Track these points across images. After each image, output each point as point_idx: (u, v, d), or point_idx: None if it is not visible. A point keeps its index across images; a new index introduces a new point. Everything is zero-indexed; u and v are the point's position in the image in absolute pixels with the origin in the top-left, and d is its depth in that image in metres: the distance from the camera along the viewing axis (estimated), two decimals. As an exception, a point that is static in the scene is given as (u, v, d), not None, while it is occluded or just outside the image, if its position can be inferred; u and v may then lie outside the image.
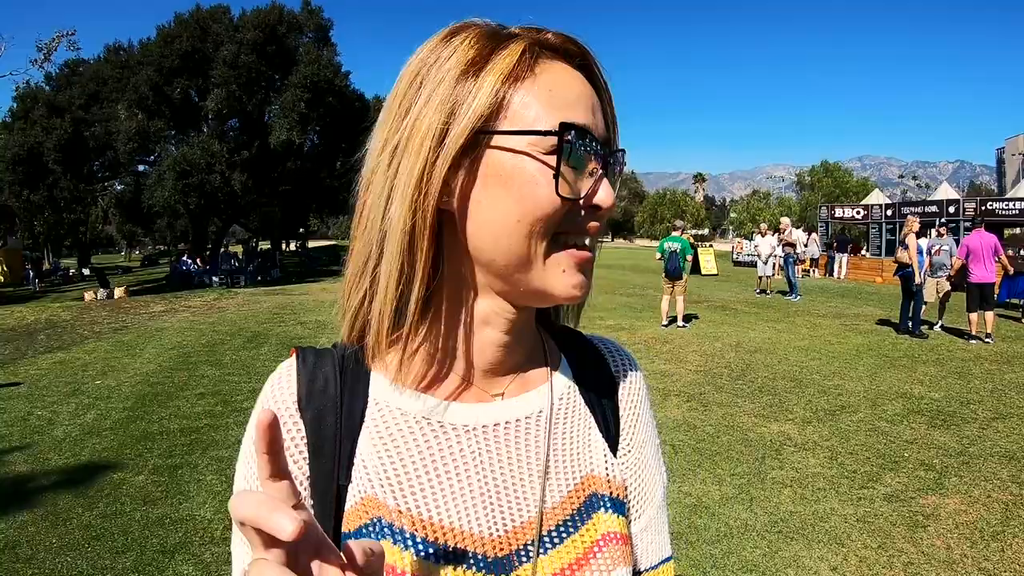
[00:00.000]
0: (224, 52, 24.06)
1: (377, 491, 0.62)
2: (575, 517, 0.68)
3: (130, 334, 12.43)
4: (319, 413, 0.65)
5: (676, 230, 12.31)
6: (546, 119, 0.59)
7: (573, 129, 0.59)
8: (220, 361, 9.42)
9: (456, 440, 0.66)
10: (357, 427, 0.65)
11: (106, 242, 74.31)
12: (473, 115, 0.58)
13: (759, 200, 69.41)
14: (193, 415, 6.70)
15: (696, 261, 25.46)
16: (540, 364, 0.74)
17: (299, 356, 0.68)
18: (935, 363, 9.25)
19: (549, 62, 0.62)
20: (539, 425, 0.70)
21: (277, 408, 0.64)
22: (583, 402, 0.75)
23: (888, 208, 28.52)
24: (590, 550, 0.67)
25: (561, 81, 0.61)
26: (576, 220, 0.61)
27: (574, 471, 0.71)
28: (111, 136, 23.91)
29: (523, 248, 0.60)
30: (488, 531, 0.64)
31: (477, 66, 0.60)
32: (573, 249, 0.62)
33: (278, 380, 0.67)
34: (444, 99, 0.59)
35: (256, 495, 0.42)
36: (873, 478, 5.14)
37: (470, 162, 0.60)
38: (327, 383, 0.66)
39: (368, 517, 0.61)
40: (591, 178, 0.61)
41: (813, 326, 12.57)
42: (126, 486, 4.92)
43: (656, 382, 8.02)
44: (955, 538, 4.19)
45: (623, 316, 13.65)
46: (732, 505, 4.64)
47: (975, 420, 6.58)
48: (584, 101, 0.61)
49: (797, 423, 6.47)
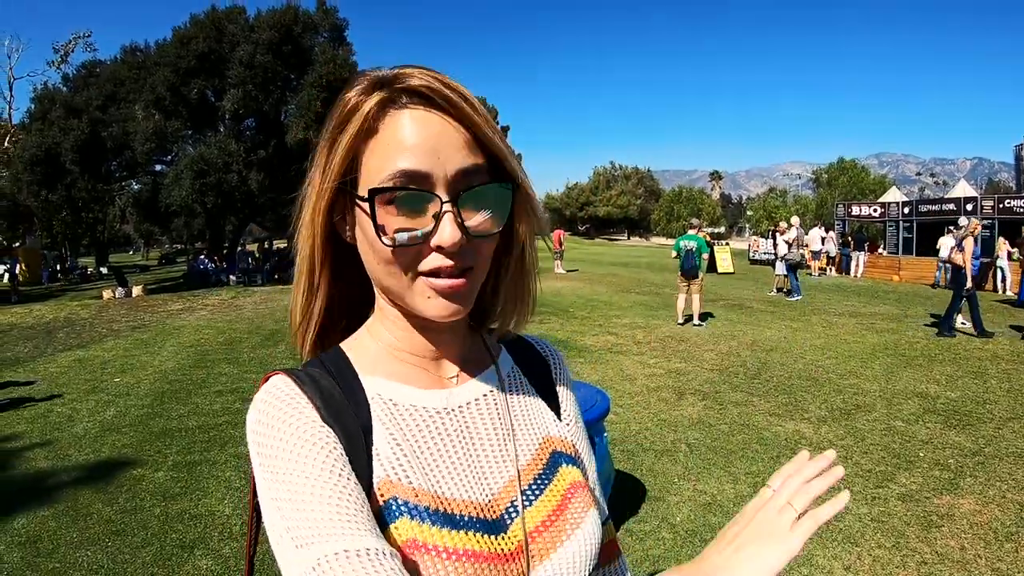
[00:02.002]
0: (240, 52, 24.10)
1: (390, 474, 0.68)
2: (545, 472, 0.78)
3: (148, 332, 12.57)
4: (339, 417, 0.69)
5: (692, 228, 12.25)
6: (385, 170, 0.66)
7: (382, 191, 0.65)
8: (238, 359, 9.53)
9: (441, 422, 0.75)
10: (368, 422, 0.71)
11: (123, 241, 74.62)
12: (333, 175, 0.69)
13: (775, 198, 68.75)
14: (212, 412, 6.79)
15: (712, 259, 25.33)
16: (483, 354, 0.85)
17: (291, 375, 0.71)
18: (952, 362, 9.19)
19: (396, 112, 0.67)
20: (496, 400, 0.81)
21: (299, 417, 0.67)
22: (526, 381, 0.87)
23: (905, 206, 28.21)
24: (565, 498, 0.77)
25: (400, 132, 0.67)
26: (428, 259, 0.68)
27: (535, 433, 0.82)
28: (128, 136, 24.02)
29: (390, 281, 0.70)
30: (482, 496, 0.72)
31: (341, 127, 0.69)
32: (432, 278, 0.68)
33: (282, 393, 0.69)
34: (322, 159, 0.71)
35: None
36: (888, 477, 5.13)
37: (348, 211, 0.72)
38: (332, 392, 0.71)
39: (384, 498, 0.66)
40: (435, 220, 0.66)
41: (829, 325, 12.51)
42: (145, 482, 5.00)
43: (671, 381, 8.04)
44: (969, 538, 4.19)
45: (639, 314, 13.67)
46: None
47: (991, 420, 6.55)
48: (425, 145, 0.66)
49: (812, 422, 6.46)
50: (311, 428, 0.66)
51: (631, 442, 5.84)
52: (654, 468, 5.28)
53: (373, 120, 0.67)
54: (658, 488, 4.90)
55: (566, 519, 0.75)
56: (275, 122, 26.37)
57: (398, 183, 0.66)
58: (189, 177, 22.38)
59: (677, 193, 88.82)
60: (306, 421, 0.66)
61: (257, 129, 27.16)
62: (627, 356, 9.47)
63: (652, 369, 8.67)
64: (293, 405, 0.67)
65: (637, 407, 6.93)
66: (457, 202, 0.67)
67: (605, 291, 18.43)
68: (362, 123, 0.67)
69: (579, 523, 0.76)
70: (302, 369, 0.74)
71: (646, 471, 5.21)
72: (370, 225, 0.66)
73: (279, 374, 0.71)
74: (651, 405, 7.02)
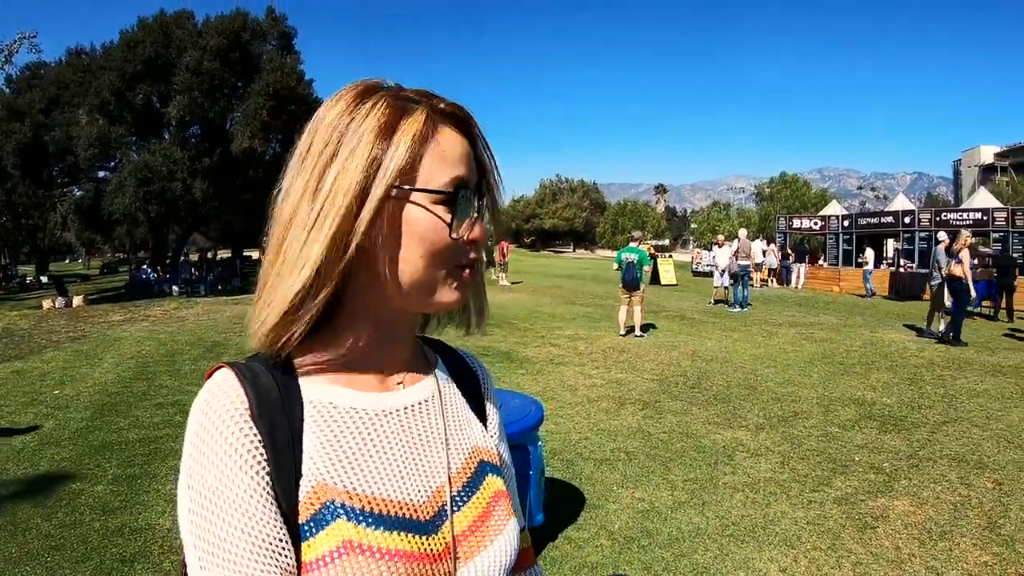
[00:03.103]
0: (187, 58, 23.64)
1: (326, 478, 0.71)
2: (473, 480, 0.83)
3: (89, 343, 12.28)
4: (271, 420, 0.70)
5: (634, 241, 12.51)
6: (442, 176, 0.74)
7: (462, 188, 0.75)
8: (179, 371, 9.39)
9: (380, 424, 0.78)
10: (299, 426, 0.73)
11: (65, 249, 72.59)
12: (392, 173, 0.71)
13: (719, 211, 70.13)
14: (152, 425, 6.70)
15: (656, 271, 25.82)
16: (423, 361, 0.90)
17: (235, 369, 0.74)
18: (888, 369, 9.55)
19: (442, 126, 0.76)
20: (434, 406, 0.85)
21: (232, 418, 0.69)
22: (458, 391, 0.92)
23: (845, 219, 29.07)
24: (489, 506, 0.82)
25: (451, 143, 0.76)
26: (461, 251, 0.77)
27: (465, 442, 0.86)
28: (71, 141, 23.35)
29: (426, 275, 0.75)
30: (416, 498, 0.76)
31: (391, 128, 0.72)
32: (466, 270, 0.78)
33: (221, 393, 0.71)
34: (365, 156, 0.71)
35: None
36: (824, 482, 5.28)
37: (388, 210, 0.73)
38: (269, 391, 0.73)
39: (321, 502, 0.69)
40: (470, 220, 0.76)
41: (769, 335, 12.85)
42: (85, 496, 4.92)
43: (612, 391, 8.17)
44: (904, 538, 4.33)
45: (581, 326, 13.83)
46: (684, 510, 4.73)
47: (926, 424, 6.79)
48: (466, 159, 0.77)
49: (750, 429, 6.62)
50: (241, 439, 0.68)
51: (571, 451, 5.90)
52: (593, 476, 5.36)
53: (428, 129, 0.74)
54: (597, 496, 4.98)
55: (490, 525, 0.81)
56: (221, 130, 25.96)
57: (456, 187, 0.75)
58: (132, 184, 21.81)
59: (622, 206, 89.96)
60: (237, 429, 0.68)
61: (202, 137, 26.68)
62: (569, 367, 9.58)
63: (593, 379, 8.79)
64: (228, 408, 0.69)
65: (577, 417, 7.01)
66: (481, 208, 0.79)
67: (549, 303, 18.57)
68: (420, 130, 0.73)
69: (501, 530, 0.82)
70: (245, 363, 0.76)
71: (585, 479, 5.29)
72: (427, 218, 0.73)
73: (224, 368, 0.74)
74: (591, 415, 7.11)
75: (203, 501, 0.66)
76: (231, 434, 0.67)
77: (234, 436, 0.67)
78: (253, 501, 0.66)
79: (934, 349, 11.20)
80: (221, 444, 0.67)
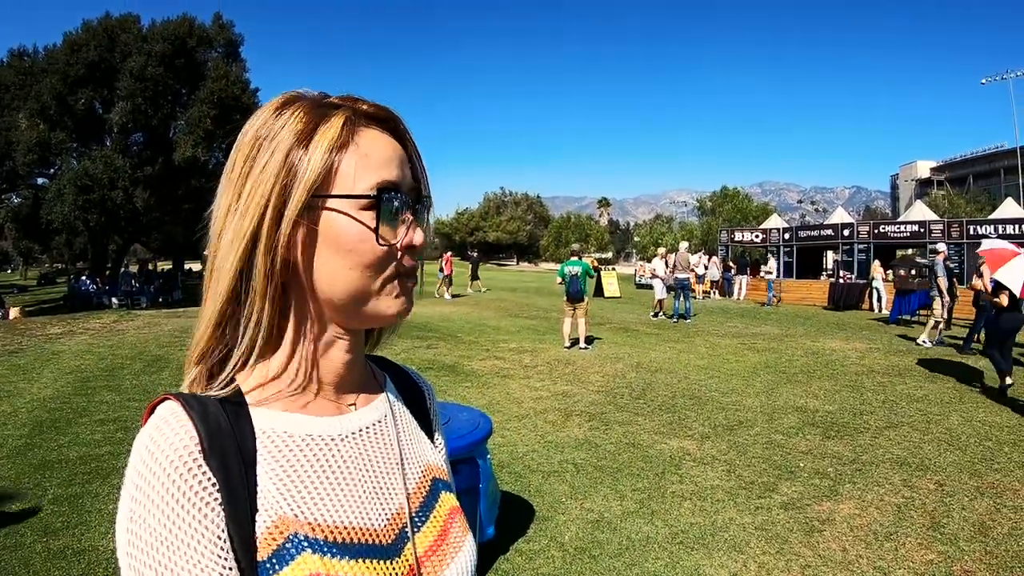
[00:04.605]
0: (131, 63, 23.11)
1: (287, 511, 0.68)
2: (429, 499, 0.83)
3: (26, 357, 11.95)
4: (223, 455, 0.67)
5: (574, 255, 12.73)
6: (365, 180, 0.71)
7: (387, 191, 0.72)
8: (120, 386, 9.21)
9: (336, 449, 0.75)
10: (252, 458, 0.69)
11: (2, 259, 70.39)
12: (308, 182, 0.70)
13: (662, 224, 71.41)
14: (93, 442, 6.59)
15: (599, 284, 26.14)
16: (372, 380, 0.88)
17: (181, 401, 0.69)
18: (829, 377, 9.86)
19: (365, 129, 0.74)
20: (387, 427, 0.83)
21: (181, 458, 0.65)
22: (407, 409, 0.91)
23: (786, 232, 29.87)
24: (447, 523, 0.83)
25: (375, 145, 0.73)
26: (397, 259, 0.74)
27: (418, 461, 0.86)
28: (10, 146, 22.61)
29: (358, 287, 0.72)
30: (376, 523, 0.74)
31: (307, 137, 0.71)
32: (404, 278, 0.75)
33: (169, 430, 0.66)
34: (279, 167, 0.70)
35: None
36: (770, 488, 5.43)
37: (307, 220, 0.71)
38: (219, 423, 0.68)
39: (284, 536, 0.67)
40: (404, 225, 0.74)
41: (712, 346, 13.11)
42: (26, 517, 4.81)
43: (558, 403, 8.27)
44: (850, 540, 4.47)
45: (526, 339, 13.92)
46: (633, 519, 4.82)
47: (868, 430, 7.05)
48: (394, 160, 0.75)
49: (696, 439, 6.76)
50: (191, 482, 0.64)
51: (518, 464, 5.97)
52: (542, 488, 5.42)
53: (347, 134, 0.72)
54: (546, 508, 5.04)
55: (449, 543, 0.81)
56: (164, 138, 25.44)
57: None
58: (72, 192, 21.20)
59: (566, 219, 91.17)
60: (186, 471, 0.65)
61: (145, 144, 26.09)
62: (514, 379, 9.65)
63: (539, 392, 8.88)
64: (177, 448, 0.65)
65: (524, 429, 7.07)
66: (417, 211, 0.76)
67: (493, 316, 18.55)
68: (337, 136, 0.71)
69: (460, 547, 0.82)
70: (191, 394, 0.72)
71: (534, 492, 5.34)
72: (352, 227, 0.71)
73: (169, 400, 0.70)
74: (538, 427, 7.17)
75: (142, 545, 0.64)
76: (179, 477, 0.64)
77: (183, 480, 0.64)
78: (200, 547, 0.63)
79: (873, 357, 11.59)
80: (168, 487, 0.64)
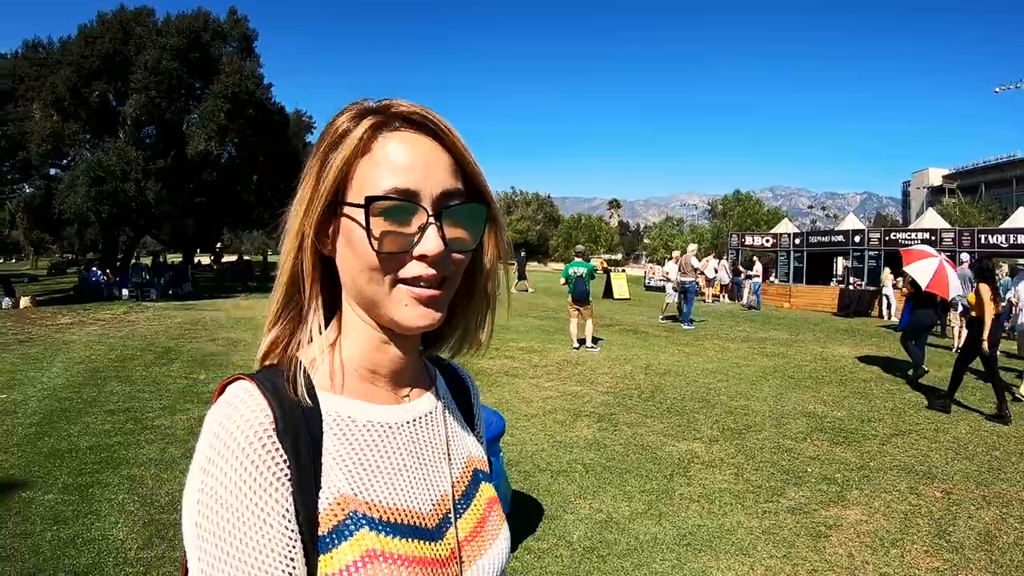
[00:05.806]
0: (146, 56, 23.26)
1: (348, 490, 0.73)
2: (470, 488, 0.89)
3: (37, 347, 12.02)
4: (295, 434, 0.71)
5: (578, 256, 12.73)
6: (377, 186, 0.73)
7: (384, 197, 0.72)
8: (130, 377, 9.25)
9: (393, 436, 0.81)
10: (319, 439, 0.74)
11: (12, 248, 70.66)
12: (326, 189, 0.74)
13: (672, 227, 71.25)
14: (103, 432, 6.60)
15: (609, 285, 26.09)
16: (424, 375, 0.92)
17: (255, 381, 0.74)
18: (838, 384, 9.83)
19: (388, 134, 0.76)
20: (436, 419, 0.89)
21: (256, 434, 0.69)
22: (454, 403, 0.97)
23: (796, 237, 29.71)
24: (486, 511, 0.88)
25: (392, 151, 0.75)
26: (410, 267, 0.74)
27: (462, 452, 0.91)
28: (24, 136, 22.78)
29: (370, 290, 0.76)
30: (424, 507, 0.80)
31: (336, 146, 0.75)
32: (411, 287, 0.75)
33: (244, 407, 0.71)
34: (314, 173, 0.76)
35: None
36: (777, 492, 5.43)
37: (335, 222, 0.77)
38: (291, 404, 0.73)
39: (344, 513, 0.72)
40: (419, 231, 0.74)
41: (722, 349, 13.08)
42: (36, 505, 4.82)
43: (567, 403, 8.27)
44: (856, 546, 4.47)
45: (535, 338, 13.91)
46: (641, 520, 4.83)
47: (875, 437, 7.03)
48: (416, 164, 0.75)
49: (704, 441, 6.76)
50: (264, 458, 0.68)
51: (528, 463, 5.98)
52: (551, 488, 5.42)
53: (367, 141, 0.74)
54: (555, 507, 5.04)
55: (488, 530, 0.86)
56: (177, 131, 25.55)
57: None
58: (85, 184, 21.33)
59: (576, 220, 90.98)
60: (261, 447, 0.69)
61: (158, 137, 26.20)
62: (523, 379, 9.66)
63: (548, 392, 8.88)
64: (253, 424, 0.69)
65: (533, 429, 7.08)
66: (440, 217, 0.74)
67: (502, 315, 18.36)
68: (356, 144, 0.74)
69: (496, 534, 0.87)
70: (263, 374, 0.76)
71: (543, 491, 5.35)
72: (359, 232, 0.73)
73: (243, 379, 0.74)
74: (547, 427, 7.18)
75: (214, 516, 0.66)
76: (253, 452, 0.68)
77: (257, 455, 0.68)
78: (270, 519, 0.67)
79: (882, 364, 11.53)
80: (242, 461, 0.67)
